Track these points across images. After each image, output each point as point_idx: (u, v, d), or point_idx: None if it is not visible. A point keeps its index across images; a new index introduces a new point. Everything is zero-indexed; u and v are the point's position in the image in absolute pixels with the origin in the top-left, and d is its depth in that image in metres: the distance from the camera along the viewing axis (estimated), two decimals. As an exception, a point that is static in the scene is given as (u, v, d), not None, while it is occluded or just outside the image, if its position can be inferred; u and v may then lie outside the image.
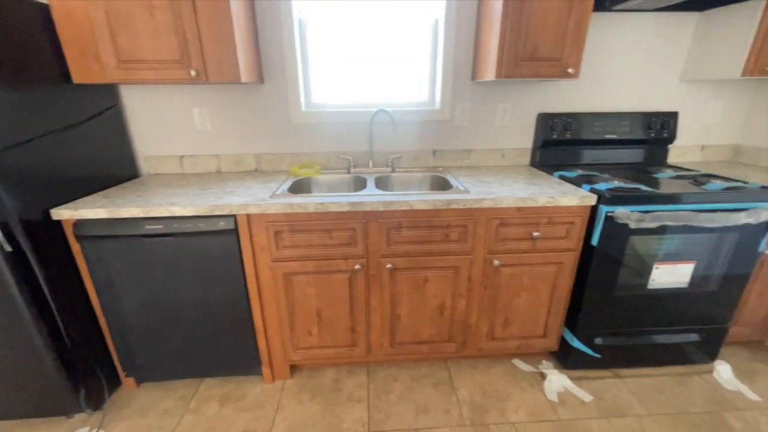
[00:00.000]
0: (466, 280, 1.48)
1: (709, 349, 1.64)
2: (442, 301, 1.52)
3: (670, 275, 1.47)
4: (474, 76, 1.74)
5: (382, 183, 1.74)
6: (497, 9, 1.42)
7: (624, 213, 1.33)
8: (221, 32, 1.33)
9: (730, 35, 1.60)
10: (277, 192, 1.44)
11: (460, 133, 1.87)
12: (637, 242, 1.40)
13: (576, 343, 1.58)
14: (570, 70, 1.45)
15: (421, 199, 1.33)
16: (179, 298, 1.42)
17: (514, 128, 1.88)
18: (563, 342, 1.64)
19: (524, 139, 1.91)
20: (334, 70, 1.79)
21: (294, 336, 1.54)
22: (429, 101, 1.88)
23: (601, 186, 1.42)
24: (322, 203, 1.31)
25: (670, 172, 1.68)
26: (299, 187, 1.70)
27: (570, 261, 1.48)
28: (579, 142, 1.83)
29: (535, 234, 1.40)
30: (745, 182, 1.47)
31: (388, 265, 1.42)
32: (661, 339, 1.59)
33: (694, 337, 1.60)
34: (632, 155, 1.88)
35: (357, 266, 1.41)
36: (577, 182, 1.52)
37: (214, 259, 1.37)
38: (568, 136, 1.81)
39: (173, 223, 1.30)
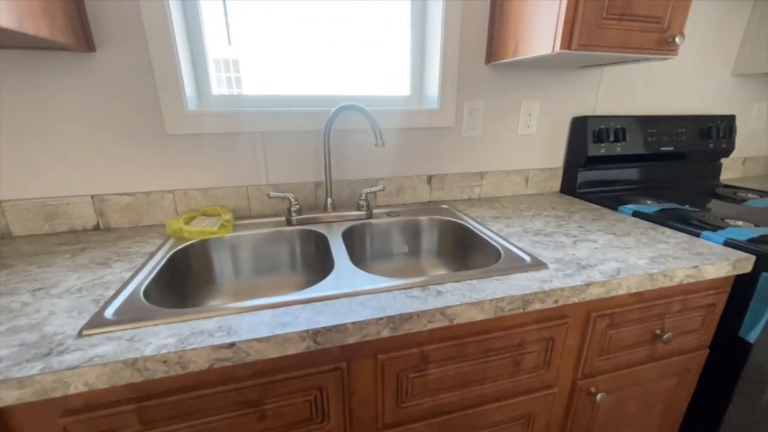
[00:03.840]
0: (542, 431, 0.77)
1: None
2: (498, 475, 0.78)
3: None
4: (492, 56, 1.07)
5: (356, 243, 0.95)
6: None
7: (810, 287, 0.75)
8: None
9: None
10: (107, 312, 0.55)
11: (467, 145, 1.18)
12: (799, 325, 0.84)
13: (701, 493, 0.96)
14: (677, 40, 0.85)
15: (473, 300, 0.59)
16: None
17: (542, 138, 1.25)
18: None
19: (554, 154, 1.29)
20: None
21: None
22: (413, 97, 1.16)
23: (736, 234, 0.83)
24: (230, 344, 0.47)
25: (755, 197, 1.20)
26: (183, 266, 0.82)
27: (697, 364, 0.86)
28: (630, 158, 1.27)
29: (665, 336, 0.75)
30: None
31: (400, 446, 0.64)
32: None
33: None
34: (683, 173, 1.39)
35: (330, 468, 0.60)
36: (677, 226, 0.92)
37: None
38: (618, 149, 1.23)
39: None
